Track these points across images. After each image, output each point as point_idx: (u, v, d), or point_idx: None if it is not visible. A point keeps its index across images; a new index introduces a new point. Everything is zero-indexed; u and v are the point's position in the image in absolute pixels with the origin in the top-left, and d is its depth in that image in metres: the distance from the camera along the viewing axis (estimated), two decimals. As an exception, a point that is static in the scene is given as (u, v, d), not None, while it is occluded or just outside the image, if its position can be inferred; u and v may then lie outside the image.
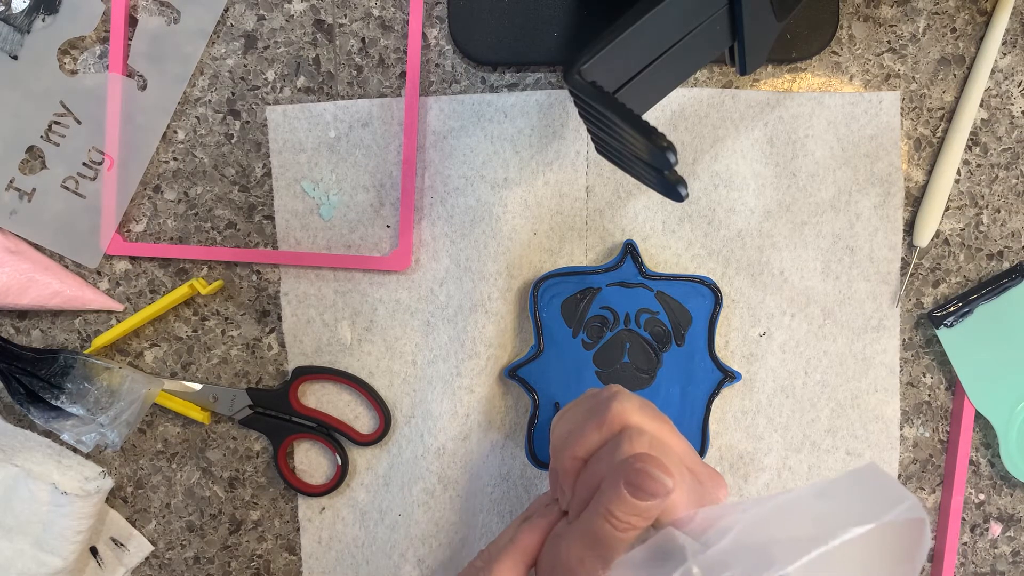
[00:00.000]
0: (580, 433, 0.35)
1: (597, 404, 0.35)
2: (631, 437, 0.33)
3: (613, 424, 0.34)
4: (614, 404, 0.34)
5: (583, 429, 0.35)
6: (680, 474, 0.33)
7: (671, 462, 0.33)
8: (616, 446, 0.33)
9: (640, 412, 0.34)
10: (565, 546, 0.34)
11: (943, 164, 0.48)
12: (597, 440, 0.34)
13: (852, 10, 0.48)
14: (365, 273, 0.49)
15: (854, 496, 0.29)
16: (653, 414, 0.35)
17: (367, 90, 0.49)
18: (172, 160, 0.49)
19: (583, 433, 0.35)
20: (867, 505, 0.28)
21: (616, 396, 0.35)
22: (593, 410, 0.35)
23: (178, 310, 0.50)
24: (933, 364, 0.50)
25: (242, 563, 0.52)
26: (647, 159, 0.33)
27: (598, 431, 0.34)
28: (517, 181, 0.48)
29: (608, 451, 0.33)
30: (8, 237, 0.49)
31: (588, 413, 0.35)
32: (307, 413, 0.50)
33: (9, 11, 0.48)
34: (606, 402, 0.35)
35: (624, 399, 0.35)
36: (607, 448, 0.34)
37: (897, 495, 0.28)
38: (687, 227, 0.49)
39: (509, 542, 0.36)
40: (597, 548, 0.32)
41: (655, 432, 0.34)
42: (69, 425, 0.47)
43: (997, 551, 0.51)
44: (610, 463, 0.33)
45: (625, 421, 0.34)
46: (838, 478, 0.30)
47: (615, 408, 0.34)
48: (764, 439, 0.50)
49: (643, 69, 0.37)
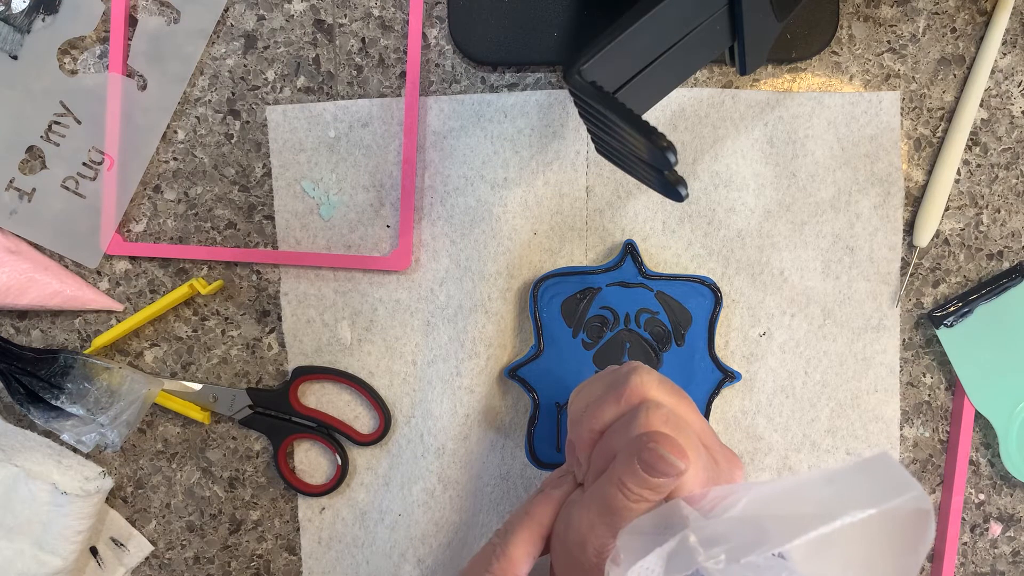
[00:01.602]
0: (598, 405, 0.35)
1: (616, 378, 0.35)
2: (648, 410, 0.33)
3: (631, 397, 0.34)
4: (633, 377, 0.34)
5: (601, 402, 0.35)
6: (696, 452, 0.33)
7: (687, 439, 0.32)
8: (632, 419, 0.33)
9: (659, 387, 0.34)
10: (577, 512, 0.34)
11: (943, 164, 0.48)
12: (614, 413, 0.34)
13: (852, 10, 0.48)
14: (365, 273, 0.49)
15: (862, 483, 0.28)
16: (671, 389, 0.35)
17: (367, 90, 0.49)
18: (172, 160, 0.49)
19: (601, 406, 0.35)
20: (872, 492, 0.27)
21: (635, 370, 0.35)
22: (612, 384, 0.35)
23: (178, 310, 0.50)
24: (933, 364, 0.50)
25: (242, 563, 0.52)
26: (647, 159, 0.33)
27: (616, 404, 0.34)
28: (517, 181, 0.48)
29: (624, 424, 0.33)
30: (8, 237, 0.49)
31: (607, 387, 0.35)
32: (307, 413, 0.50)
33: (9, 11, 0.48)
34: (625, 376, 0.35)
35: (643, 373, 0.35)
36: (623, 421, 0.34)
37: (904, 484, 0.27)
38: (687, 227, 0.49)
39: (524, 514, 0.37)
40: (608, 516, 0.32)
41: (673, 407, 0.34)
42: (69, 425, 0.47)
43: (997, 551, 0.51)
44: (626, 435, 0.33)
45: (643, 395, 0.34)
46: (849, 464, 0.29)
47: (634, 381, 0.34)
48: (764, 439, 0.50)
49: (643, 69, 0.37)
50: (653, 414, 0.33)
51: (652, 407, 0.33)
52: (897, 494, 0.27)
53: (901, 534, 0.28)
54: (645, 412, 0.33)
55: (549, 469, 0.48)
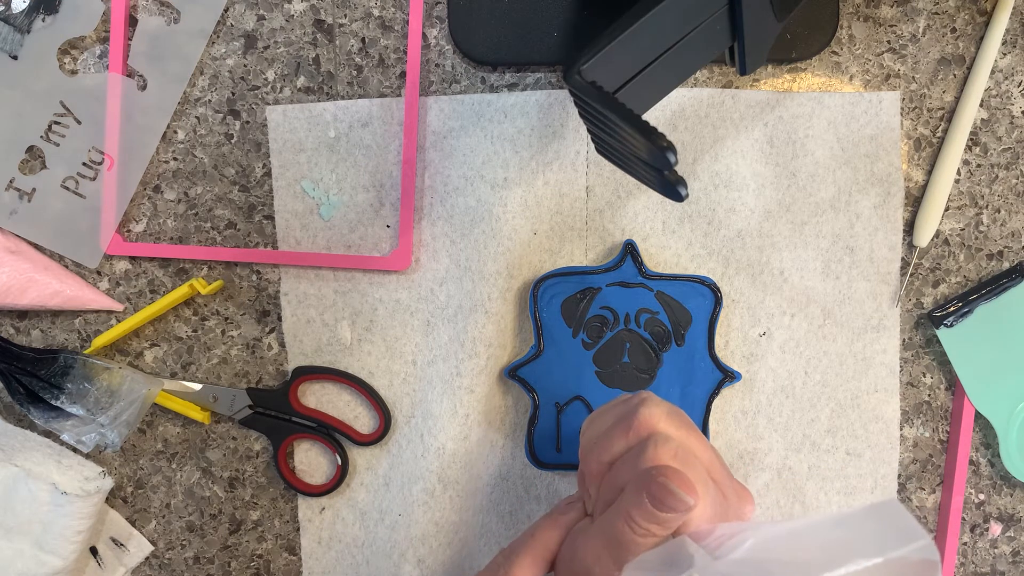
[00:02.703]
0: (607, 437, 0.35)
1: (626, 410, 0.35)
2: (656, 444, 0.33)
3: (640, 430, 0.34)
4: (642, 410, 0.34)
5: (610, 434, 0.35)
6: (704, 487, 0.32)
7: (695, 474, 0.32)
8: (641, 452, 0.33)
9: (668, 419, 0.34)
10: (583, 542, 0.34)
11: (943, 164, 0.48)
12: (623, 446, 0.34)
13: (852, 10, 0.48)
14: (365, 273, 0.49)
15: (869, 529, 0.28)
16: (681, 422, 0.35)
17: (367, 90, 0.49)
18: (172, 160, 0.49)
19: (610, 438, 0.35)
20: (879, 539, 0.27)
21: (644, 402, 0.35)
22: (622, 415, 0.35)
23: (178, 310, 0.50)
24: (933, 364, 0.50)
25: (242, 563, 0.52)
26: (647, 159, 0.33)
27: (624, 436, 0.34)
28: (517, 181, 0.48)
29: (633, 456, 0.33)
30: (8, 237, 0.49)
31: (617, 418, 0.35)
32: (307, 413, 0.50)
33: (9, 11, 0.48)
34: (635, 408, 0.35)
35: (652, 405, 0.34)
36: (632, 453, 0.33)
37: (912, 533, 0.27)
38: (687, 227, 0.49)
39: (530, 537, 0.37)
40: (614, 549, 0.32)
41: (682, 440, 0.34)
42: (69, 425, 0.47)
43: (997, 551, 0.51)
44: (634, 468, 0.33)
45: (652, 427, 0.34)
46: (859, 509, 0.29)
47: (643, 414, 0.34)
48: (764, 439, 0.50)
49: (643, 69, 0.37)
50: (662, 448, 0.32)
51: (661, 440, 0.33)
52: (904, 543, 0.27)
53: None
54: (654, 445, 0.33)
55: (549, 469, 0.49)
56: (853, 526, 0.29)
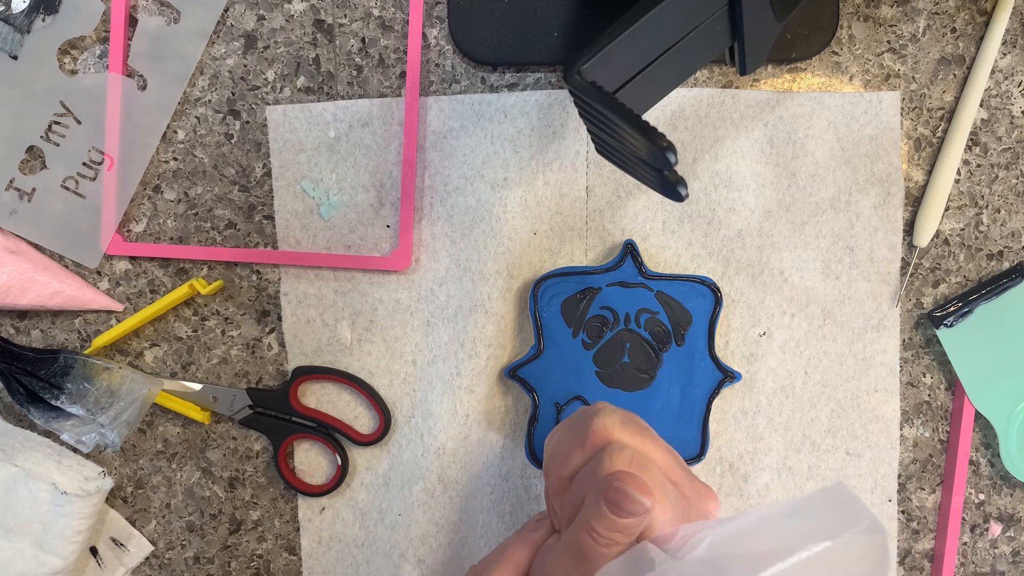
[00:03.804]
0: (565, 451, 0.35)
1: (581, 423, 0.35)
2: (612, 453, 0.33)
3: (595, 441, 0.34)
4: (595, 421, 0.34)
5: (568, 447, 0.35)
6: (663, 490, 0.33)
7: (653, 478, 0.32)
8: (598, 463, 0.33)
9: (622, 427, 0.34)
10: (552, 560, 0.34)
11: (943, 164, 0.48)
12: (581, 458, 0.34)
13: (852, 10, 0.48)
14: (365, 273, 0.49)
15: (820, 515, 0.29)
16: (636, 428, 0.35)
17: (367, 90, 0.49)
18: (172, 160, 0.49)
19: (568, 451, 0.35)
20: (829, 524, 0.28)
21: (598, 413, 0.35)
22: (577, 429, 0.35)
23: (178, 310, 0.50)
24: (933, 364, 0.50)
25: (242, 563, 0.52)
26: (647, 159, 0.33)
27: (582, 449, 0.34)
28: (517, 181, 0.48)
29: (591, 468, 0.33)
30: (8, 237, 0.49)
31: (574, 432, 0.35)
32: (307, 413, 0.50)
33: (9, 11, 0.48)
34: (589, 419, 0.35)
35: (606, 415, 0.35)
36: (590, 465, 0.34)
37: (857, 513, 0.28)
38: (687, 227, 0.49)
39: (499, 556, 0.36)
40: (581, 563, 0.32)
41: (637, 446, 0.34)
42: (69, 425, 0.47)
43: (997, 551, 0.51)
44: (592, 480, 0.33)
45: (607, 437, 0.34)
46: (808, 496, 0.30)
47: (596, 425, 0.34)
48: (764, 439, 0.50)
49: (643, 69, 0.37)
50: (616, 456, 0.33)
51: (616, 449, 0.33)
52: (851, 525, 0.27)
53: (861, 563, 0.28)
54: (609, 455, 0.33)
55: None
56: (805, 513, 0.29)
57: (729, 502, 0.50)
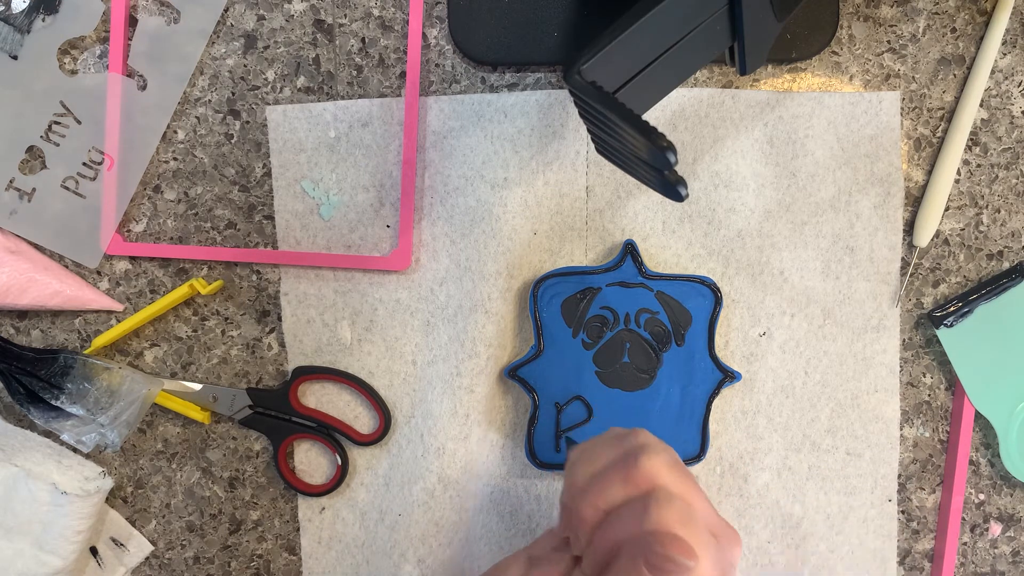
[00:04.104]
0: (604, 483, 0.33)
1: (625, 455, 0.34)
2: (659, 503, 0.31)
3: (640, 482, 0.33)
4: (643, 460, 0.33)
5: (607, 479, 0.33)
6: (705, 546, 0.31)
7: (696, 532, 0.31)
8: (643, 511, 0.31)
9: (669, 472, 0.33)
10: None
11: (943, 164, 0.48)
12: (622, 495, 0.33)
13: (852, 10, 0.48)
14: (365, 273, 0.49)
15: None
16: (681, 474, 0.33)
17: (367, 90, 0.49)
18: (172, 160, 0.49)
19: (607, 484, 0.33)
20: None
21: (645, 450, 0.33)
22: (621, 461, 0.33)
23: (178, 310, 0.50)
24: (933, 364, 0.50)
25: (242, 563, 0.52)
26: (647, 159, 0.33)
27: (623, 486, 0.33)
28: (517, 181, 0.48)
29: (634, 513, 0.32)
30: (8, 237, 0.49)
31: (615, 462, 0.34)
32: (307, 413, 0.50)
33: (9, 11, 0.48)
34: (635, 455, 0.33)
35: (653, 454, 0.33)
36: (633, 508, 0.32)
37: None
38: (687, 227, 0.49)
39: None
40: None
41: (682, 495, 0.32)
42: (69, 425, 0.47)
43: (997, 551, 0.51)
44: (634, 527, 0.31)
45: (653, 481, 0.33)
46: None
47: (644, 465, 0.33)
48: (764, 439, 0.50)
49: (643, 69, 0.37)
50: (665, 509, 0.31)
51: (664, 500, 0.31)
52: None
53: None
54: (657, 506, 0.31)
55: (549, 469, 0.48)
56: None
57: (729, 502, 0.50)
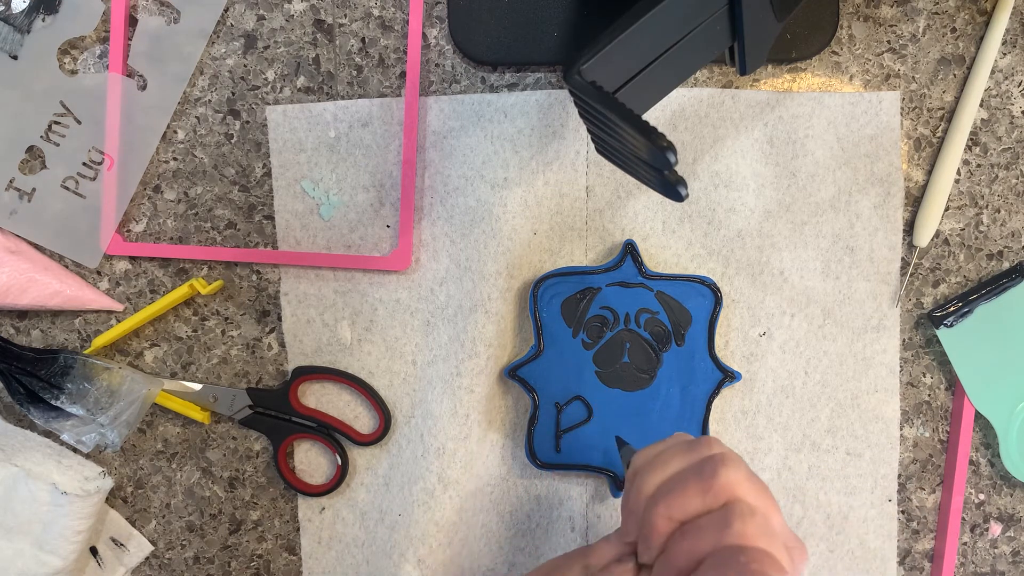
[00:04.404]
0: (680, 493, 0.33)
1: (702, 465, 0.33)
2: (743, 517, 0.31)
3: (719, 495, 0.32)
4: (722, 472, 0.32)
5: (684, 489, 0.33)
6: (786, 562, 0.31)
7: (777, 547, 0.31)
8: (726, 525, 0.31)
9: (748, 484, 0.32)
10: None
11: (943, 164, 0.48)
12: (699, 506, 0.32)
13: (852, 10, 0.48)
14: (365, 273, 0.49)
15: None
16: (759, 487, 0.33)
17: (367, 90, 0.49)
18: (172, 160, 0.49)
19: (683, 494, 0.33)
20: None
21: (723, 462, 0.33)
22: (697, 471, 0.33)
23: (178, 310, 0.50)
24: (933, 364, 0.50)
25: (242, 563, 0.52)
26: (647, 159, 0.33)
27: (701, 497, 0.32)
28: (517, 181, 0.48)
29: (715, 526, 0.31)
30: (8, 237, 0.49)
31: (690, 471, 0.33)
32: (307, 413, 0.50)
33: (9, 11, 0.48)
34: (713, 466, 0.33)
35: (731, 467, 0.33)
36: (713, 521, 0.32)
37: None
38: (687, 227, 0.49)
39: None
40: None
41: (762, 510, 0.32)
42: (69, 425, 0.47)
43: (997, 551, 0.51)
44: (716, 541, 0.31)
45: (732, 494, 0.32)
46: None
47: (723, 477, 0.32)
48: (764, 439, 0.50)
49: (643, 69, 0.37)
50: (749, 523, 0.31)
51: (747, 513, 0.31)
52: None
53: None
54: (740, 519, 0.31)
55: (549, 469, 0.48)
56: None
57: None
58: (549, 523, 0.50)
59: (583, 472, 0.49)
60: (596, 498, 0.50)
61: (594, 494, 0.50)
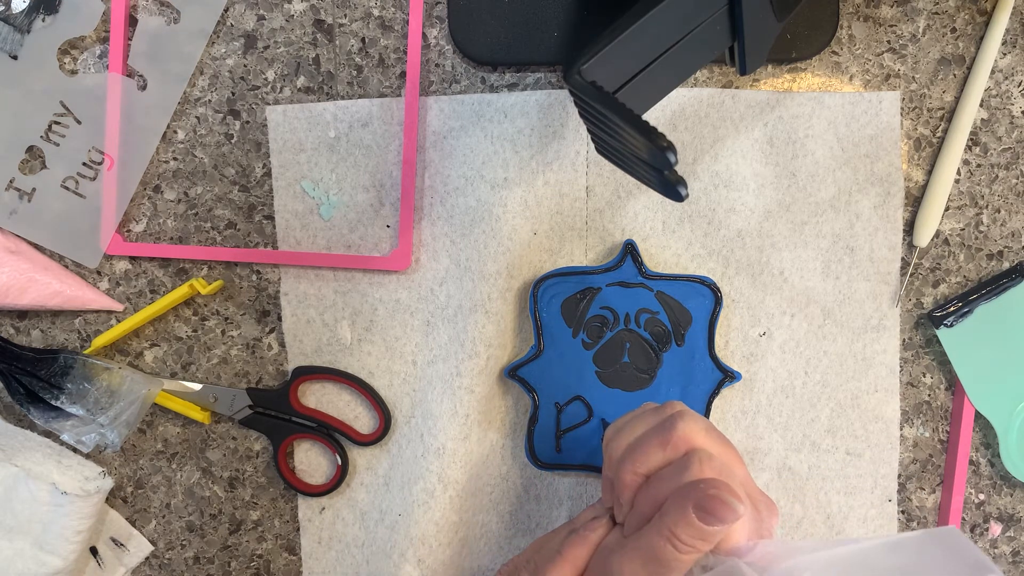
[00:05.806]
0: (643, 449, 0.35)
1: (663, 422, 0.35)
2: (701, 460, 0.33)
3: (679, 445, 0.34)
4: (679, 424, 0.34)
5: (646, 445, 0.35)
6: (744, 503, 0.32)
7: (736, 487, 0.32)
8: (684, 468, 0.33)
9: (706, 435, 0.34)
10: (618, 561, 0.34)
11: (943, 164, 0.48)
12: (661, 459, 0.34)
13: (852, 10, 0.48)
14: (365, 273, 0.49)
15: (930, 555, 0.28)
16: (718, 437, 0.35)
17: (367, 90, 0.49)
18: (172, 160, 0.49)
19: (646, 449, 0.34)
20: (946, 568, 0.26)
21: (682, 415, 0.35)
22: (658, 428, 0.35)
23: (178, 310, 0.50)
24: (933, 364, 0.50)
25: (242, 563, 0.52)
26: (647, 159, 0.33)
27: (662, 449, 0.34)
28: (517, 181, 0.48)
29: (674, 472, 0.33)
30: (8, 237, 0.49)
31: (652, 429, 0.35)
32: (307, 413, 0.50)
33: (9, 11, 0.48)
34: (671, 421, 0.35)
35: (690, 420, 0.35)
36: (673, 468, 0.33)
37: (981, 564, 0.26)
38: (687, 227, 0.49)
39: (556, 554, 0.36)
40: (654, 567, 0.32)
41: (722, 456, 0.34)
42: (69, 425, 0.47)
43: (997, 551, 0.51)
44: (676, 484, 0.33)
45: (691, 443, 0.34)
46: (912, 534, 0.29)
47: (681, 428, 0.34)
48: (764, 439, 0.50)
49: (643, 69, 0.37)
50: (706, 465, 0.33)
51: (704, 457, 0.33)
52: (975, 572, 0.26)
53: None
54: (699, 462, 0.33)
55: (549, 469, 0.49)
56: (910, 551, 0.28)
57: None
58: (549, 523, 0.50)
59: (583, 472, 0.49)
60: (596, 498, 0.50)
61: (594, 494, 0.50)
